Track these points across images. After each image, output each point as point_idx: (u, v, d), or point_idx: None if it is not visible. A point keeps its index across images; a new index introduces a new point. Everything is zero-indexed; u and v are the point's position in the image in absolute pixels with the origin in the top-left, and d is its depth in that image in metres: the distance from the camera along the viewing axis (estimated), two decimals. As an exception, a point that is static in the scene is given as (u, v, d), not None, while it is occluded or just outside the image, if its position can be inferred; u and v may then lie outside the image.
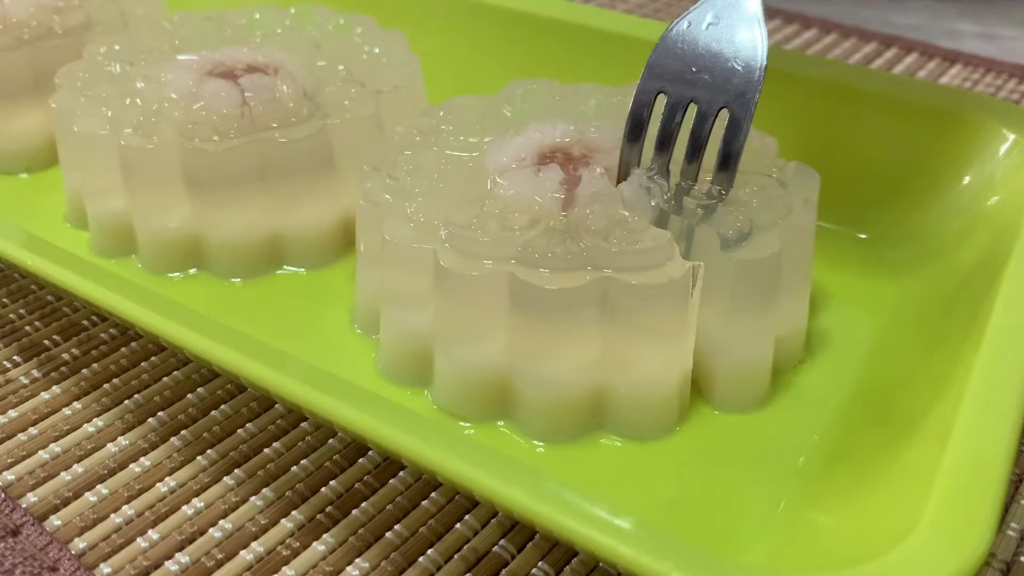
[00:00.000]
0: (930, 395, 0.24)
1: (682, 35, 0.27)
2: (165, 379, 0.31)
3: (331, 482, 0.27)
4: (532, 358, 0.26)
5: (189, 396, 0.30)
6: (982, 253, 0.29)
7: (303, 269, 0.34)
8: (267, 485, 0.27)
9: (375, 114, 0.34)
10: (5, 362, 0.31)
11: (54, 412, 0.29)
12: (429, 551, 0.25)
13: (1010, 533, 0.26)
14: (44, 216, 0.37)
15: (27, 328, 0.33)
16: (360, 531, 0.26)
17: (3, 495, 0.26)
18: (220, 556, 0.25)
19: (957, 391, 0.22)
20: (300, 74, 0.34)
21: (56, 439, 0.29)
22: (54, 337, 0.33)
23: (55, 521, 0.26)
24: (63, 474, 0.27)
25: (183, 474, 0.27)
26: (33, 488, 0.27)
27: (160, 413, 0.29)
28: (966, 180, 0.33)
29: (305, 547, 0.25)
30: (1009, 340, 0.23)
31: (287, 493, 0.27)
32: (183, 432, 0.29)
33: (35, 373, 0.31)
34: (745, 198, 0.27)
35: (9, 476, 0.27)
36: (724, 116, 0.27)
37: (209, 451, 0.28)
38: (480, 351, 0.27)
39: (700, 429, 0.27)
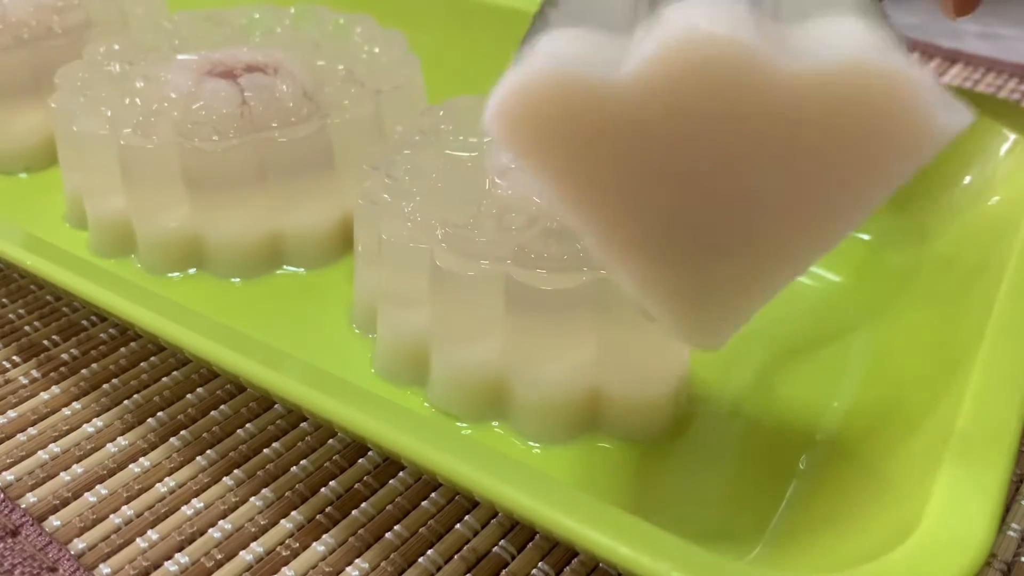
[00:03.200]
0: (931, 395, 0.24)
1: None
2: (165, 379, 0.31)
3: (331, 482, 0.27)
4: (528, 359, 0.26)
5: (189, 396, 0.30)
6: (982, 253, 0.29)
7: (303, 269, 0.34)
8: (267, 485, 0.27)
9: (375, 114, 0.34)
10: (4, 362, 0.31)
11: (53, 412, 0.29)
12: (429, 551, 0.25)
13: (1011, 534, 0.25)
14: (44, 216, 0.37)
15: (26, 328, 0.33)
16: (360, 531, 0.25)
17: (2, 495, 0.26)
18: (220, 556, 0.25)
19: (958, 391, 0.22)
20: (300, 74, 0.34)
21: (55, 439, 0.28)
22: (53, 337, 0.33)
23: (54, 521, 0.26)
24: (62, 474, 0.27)
25: (183, 474, 0.27)
26: (32, 488, 0.27)
27: (160, 413, 0.29)
28: (966, 180, 0.33)
29: (305, 547, 0.25)
30: (1009, 340, 0.23)
31: (287, 493, 0.27)
32: (183, 432, 0.29)
33: (35, 373, 0.31)
34: None
35: (8, 476, 0.27)
36: None
37: (209, 451, 0.28)
38: (476, 351, 0.27)
39: (697, 430, 0.27)
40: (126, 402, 0.30)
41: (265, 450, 0.28)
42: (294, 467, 0.27)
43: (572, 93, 0.16)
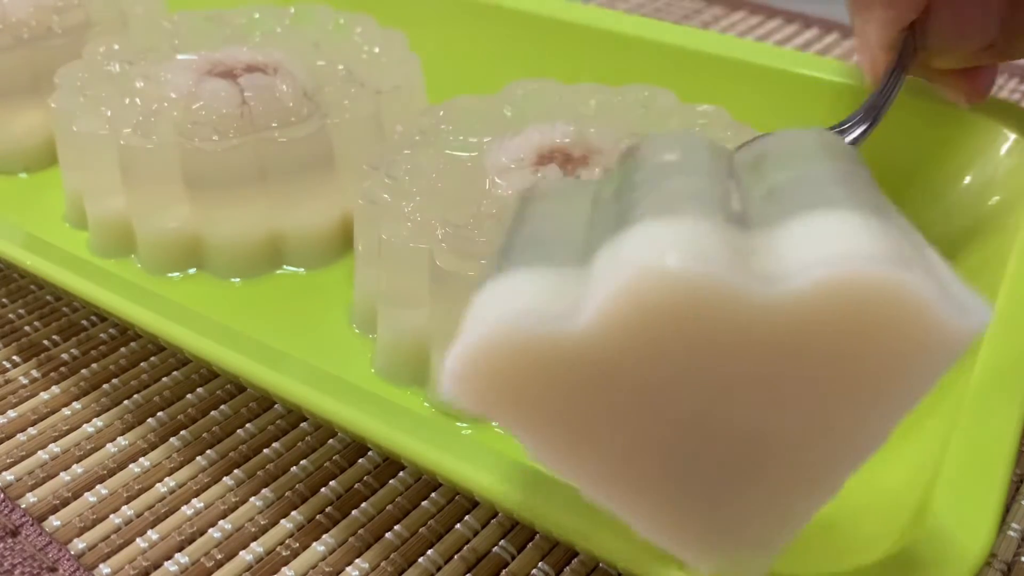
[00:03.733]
0: (931, 395, 0.24)
1: None
2: (165, 379, 0.31)
3: (331, 482, 0.27)
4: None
5: (189, 396, 0.30)
6: (982, 253, 0.29)
7: (303, 269, 0.34)
8: (267, 485, 0.27)
9: (375, 114, 0.34)
10: (4, 362, 0.31)
11: (53, 412, 0.29)
12: (429, 551, 0.25)
13: (1011, 534, 0.25)
14: (43, 216, 0.37)
15: (27, 328, 0.33)
16: (360, 531, 0.25)
17: (2, 495, 0.26)
18: (220, 556, 0.25)
19: (958, 391, 0.22)
20: (300, 74, 0.34)
21: (55, 439, 0.28)
22: (53, 337, 0.33)
23: (54, 521, 0.26)
24: (62, 474, 0.27)
25: (183, 474, 0.27)
26: (32, 488, 0.27)
27: (160, 413, 0.29)
28: (966, 180, 0.33)
29: (305, 547, 0.25)
30: (1009, 340, 0.23)
31: (287, 493, 0.27)
32: (183, 432, 0.29)
33: (35, 373, 0.31)
34: None
35: (8, 476, 0.27)
36: None
37: (209, 451, 0.28)
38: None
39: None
40: (126, 402, 0.30)
41: (265, 450, 0.28)
42: (294, 467, 0.27)
43: (525, 351, 0.15)
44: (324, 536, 0.25)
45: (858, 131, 0.27)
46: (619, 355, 0.14)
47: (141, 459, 0.28)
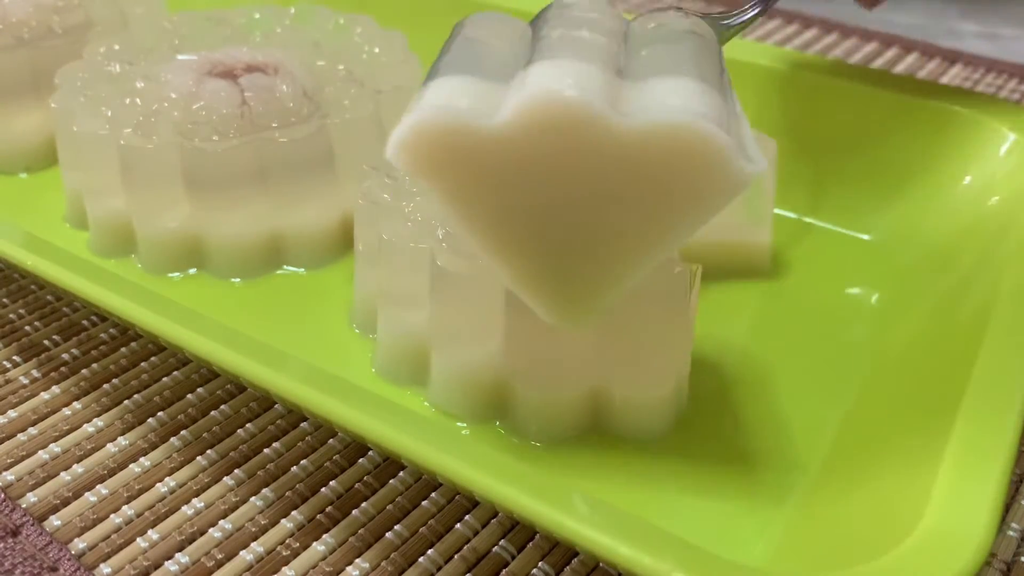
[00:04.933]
0: (931, 395, 0.24)
1: None
2: (165, 379, 0.31)
3: (331, 482, 0.27)
4: (528, 359, 0.26)
5: (189, 396, 0.30)
6: (982, 253, 0.29)
7: (303, 269, 0.34)
8: (267, 485, 0.27)
9: (375, 114, 0.34)
10: (5, 362, 0.31)
11: (54, 412, 0.29)
12: (429, 551, 0.25)
13: (1010, 533, 0.26)
14: (44, 216, 0.37)
15: (27, 328, 0.33)
16: (360, 531, 0.26)
17: (3, 495, 0.26)
18: (220, 556, 0.25)
19: (958, 391, 0.22)
20: (300, 74, 0.34)
21: (56, 439, 0.28)
22: (54, 337, 0.33)
23: (55, 521, 0.26)
24: (63, 474, 0.27)
25: (183, 474, 0.27)
26: (33, 488, 0.27)
27: (160, 413, 0.29)
28: (966, 180, 0.33)
29: (305, 547, 0.25)
30: (1009, 340, 0.23)
31: (287, 493, 0.27)
32: (183, 432, 0.29)
33: (35, 373, 0.31)
34: None
35: (9, 476, 0.27)
36: None
37: (209, 451, 0.28)
38: (476, 351, 0.27)
39: (697, 430, 0.27)
40: (126, 402, 0.30)
41: (265, 450, 0.28)
42: (294, 467, 0.27)
43: (454, 134, 0.20)
44: (324, 536, 0.25)
45: (750, 14, 0.30)
46: (518, 149, 0.20)
47: (141, 459, 0.28)
